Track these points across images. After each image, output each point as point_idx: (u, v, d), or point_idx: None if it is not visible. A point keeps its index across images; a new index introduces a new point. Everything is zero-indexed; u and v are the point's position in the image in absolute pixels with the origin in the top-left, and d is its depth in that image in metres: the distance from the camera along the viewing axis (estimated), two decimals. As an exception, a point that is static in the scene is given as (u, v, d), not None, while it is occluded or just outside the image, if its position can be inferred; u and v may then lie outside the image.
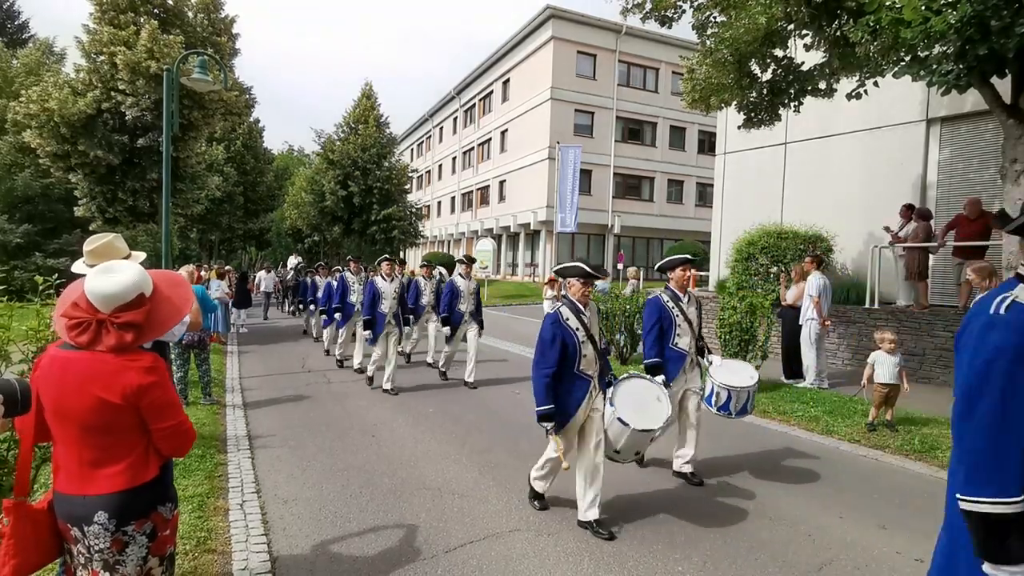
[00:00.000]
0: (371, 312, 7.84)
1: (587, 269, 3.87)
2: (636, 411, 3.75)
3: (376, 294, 7.90)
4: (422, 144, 50.30)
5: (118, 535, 1.92)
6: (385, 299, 7.91)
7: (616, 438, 3.83)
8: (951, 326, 8.21)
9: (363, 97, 30.58)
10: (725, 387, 4.67)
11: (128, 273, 1.96)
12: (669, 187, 32.09)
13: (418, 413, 6.86)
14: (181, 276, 2.25)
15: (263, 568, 3.34)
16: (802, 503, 4.39)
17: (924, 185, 10.34)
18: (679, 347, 4.76)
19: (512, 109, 32.47)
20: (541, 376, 3.75)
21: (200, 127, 15.28)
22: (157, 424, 1.97)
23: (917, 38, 5.15)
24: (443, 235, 43.17)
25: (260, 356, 11.28)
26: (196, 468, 4.78)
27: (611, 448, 3.91)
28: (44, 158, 14.73)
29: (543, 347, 3.79)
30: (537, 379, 3.77)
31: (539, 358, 3.81)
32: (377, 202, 28.55)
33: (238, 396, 7.79)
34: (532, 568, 3.38)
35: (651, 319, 4.76)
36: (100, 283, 1.91)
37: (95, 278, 1.92)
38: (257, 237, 36.48)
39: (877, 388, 6.16)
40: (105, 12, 14.25)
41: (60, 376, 1.89)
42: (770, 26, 7.08)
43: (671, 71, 29.68)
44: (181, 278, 2.21)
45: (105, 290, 1.90)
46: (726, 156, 14.34)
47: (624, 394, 3.87)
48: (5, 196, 20.44)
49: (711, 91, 8.43)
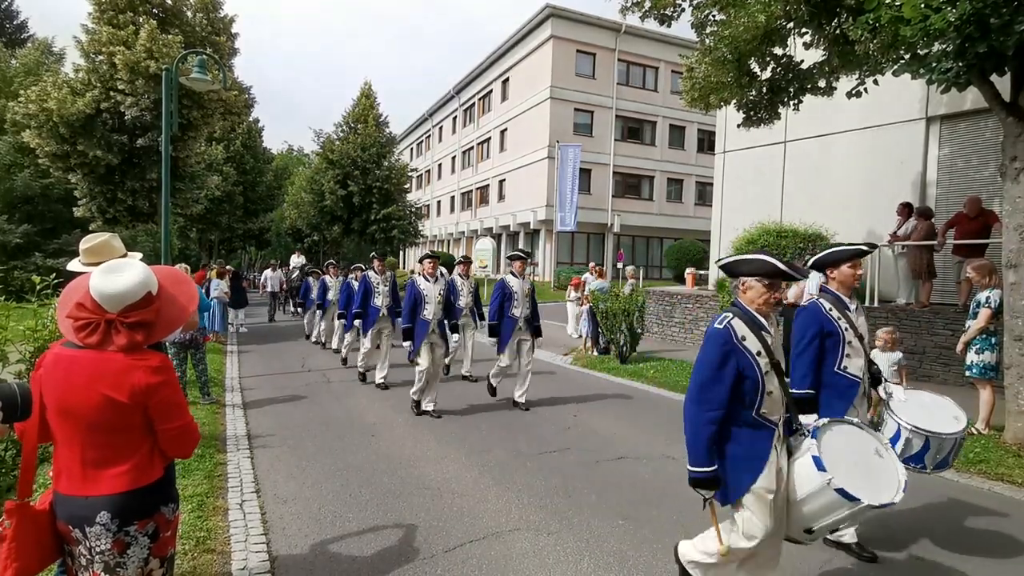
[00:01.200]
0: (411, 320, 6.60)
1: (777, 265, 2.61)
2: (861, 476, 2.51)
3: (418, 298, 6.63)
4: (421, 143, 50.27)
5: (120, 536, 1.91)
6: (429, 303, 6.62)
7: (823, 513, 2.53)
8: (951, 324, 8.20)
9: (362, 96, 30.54)
10: (922, 432, 3.18)
11: (134, 272, 1.95)
12: (669, 186, 32.08)
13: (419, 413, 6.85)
14: (184, 273, 2.24)
15: (262, 568, 3.33)
16: (802, 502, 4.38)
17: (924, 183, 10.34)
18: (849, 373, 3.42)
19: (511, 108, 32.45)
20: (702, 422, 2.58)
21: (199, 127, 15.27)
22: (164, 424, 1.96)
23: (916, 36, 5.14)
24: (443, 234, 43.14)
25: (260, 356, 11.28)
26: (195, 468, 4.77)
27: (802, 525, 2.62)
28: (43, 158, 14.71)
29: (706, 376, 2.59)
30: (694, 425, 2.60)
31: (698, 393, 2.61)
32: (377, 202, 28.52)
33: (237, 396, 7.79)
34: (532, 567, 3.37)
35: (808, 333, 3.47)
36: (107, 283, 1.89)
37: (101, 278, 1.91)
38: (257, 237, 36.43)
39: None
40: (104, 12, 14.23)
41: (65, 374, 1.87)
42: (769, 24, 7.06)
43: (670, 70, 29.65)
44: (184, 275, 2.20)
45: (112, 289, 1.88)
46: (726, 155, 14.33)
47: (832, 448, 2.57)
48: (5, 196, 20.42)
49: (710, 90, 8.41)
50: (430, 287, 6.71)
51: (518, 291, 7.05)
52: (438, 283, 6.80)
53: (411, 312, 6.66)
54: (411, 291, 6.63)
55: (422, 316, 6.58)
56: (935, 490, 4.61)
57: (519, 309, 7.03)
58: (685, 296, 12.72)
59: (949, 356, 7.92)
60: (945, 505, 4.33)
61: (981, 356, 5.87)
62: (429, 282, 6.74)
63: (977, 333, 5.86)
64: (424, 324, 6.58)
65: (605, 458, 5.32)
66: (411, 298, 6.68)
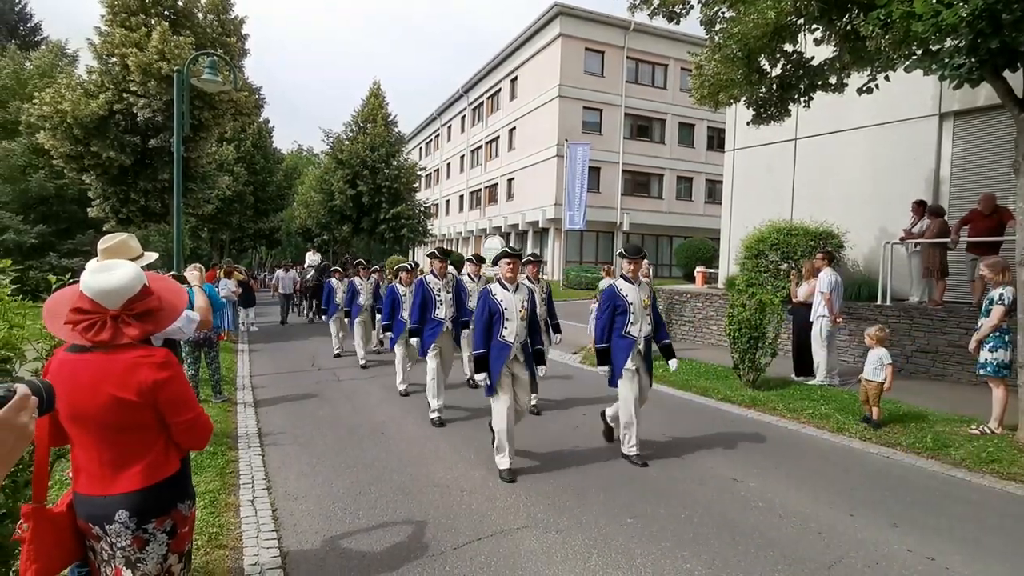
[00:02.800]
0: (484, 342, 4.91)
1: None
2: None
3: (494, 311, 4.92)
4: (430, 143, 50.35)
5: (139, 533, 1.94)
6: (510, 320, 4.90)
7: None
8: (965, 322, 8.12)
9: (371, 96, 30.66)
10: None
11: (125, 268, 2.00)
12: (678, 184, 31.93)
13: (427, 411, 6.87)
14: (162, 275, 2.30)
15: (274, 564, 3.37)
16: (812, 501, 4.36)
17: (937, 180, 10.22)
18: None
19: (520, 107, 32.43)
20: None
21: (211, 127, 15.40)
22: (175, 418, 1.99)
23: (928, 31, 5.09)
24: (451, 233, 43.21)
25: (270, 354, 11.36)
26: (208, 465, 4.83)
27: None
28: (58, 159, 14.90)
29: None
30: None
31: None
32: (386, 201, 28.63)
33: (249, 394, 7.86)
34: (540, 565, 3.39)
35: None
36: (103, 280, 1.92)
37: (97, 277, 1.93)
38: (267, 236, 36.69)
39: (861, 382, 6.32)
40: (116, 14, 14.38)
41: (72, 379, 1.89)
42: (779, 21, 7.01)
43: (680, 67, 29.53)
44: (163, 276, 2.27)
45: (110, 286, 1.91)
46: (735, 152, 14.24)
47: None
48: (20, 197, 20.72)
49: (720, 87, 8.36)
50: (511, 298, 5.06)
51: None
52: (520, 292, 5.15)
53: (484, 333, 5.16)
54: (483, 303, 5.08)
55: (500, 339, 4.95)
56: (948, 490, 4.58)
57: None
58: (695, 295, 12.66)
59: (962, 355, 7.84)
60: (958, 506, 4.29)
61: (994, 354, 5.80)
62: (508, 291, 5.06)
63: (990, 331, 5.80)
64: (504, 349, 4.93)
65: (614, 456, 5.32)
66: (484, 313, 5.22)
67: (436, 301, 6.81)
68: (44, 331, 2.88)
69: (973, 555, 3.56)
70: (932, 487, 4.68)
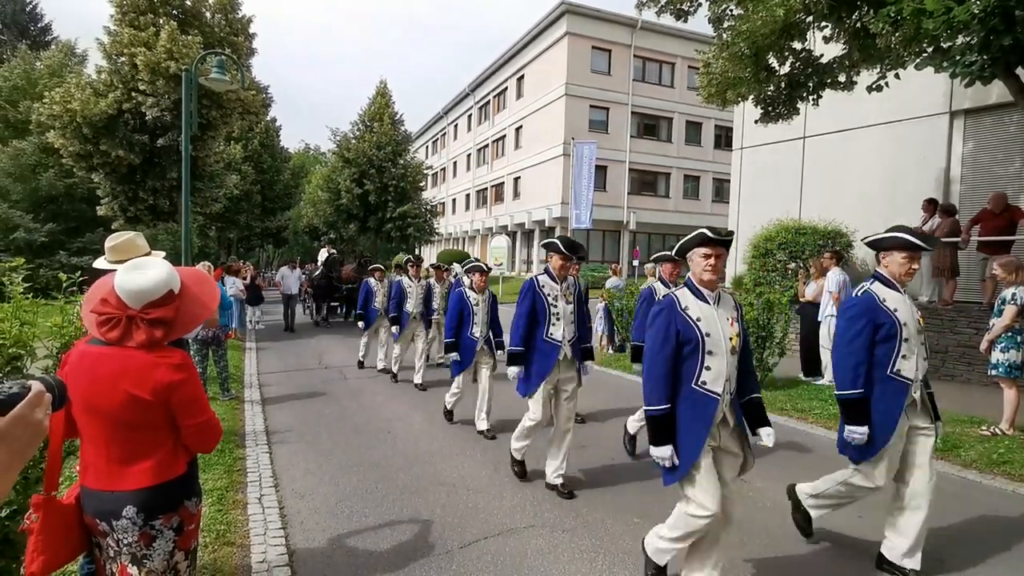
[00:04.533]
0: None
1: None
2: None
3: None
4: (437, 141, 50.41)
5: (146, 529, 1.95)
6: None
7: None
8: (975, 322, 8.05)
9: (378, 95, 30.70)
10: None
11: (158, 269, 2.00)
12: (685, 183, 31.83)
13: (434, 410, 6.88)
14: (206, 274, 2.28)
15: (281, 561, 3.38)
16: (820, 501, 4.33)
17: (947, 179, 10.13)
18: None
19: (527, 106, 32.40)
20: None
21: (218, 126, 15.49)
22: (186, 420, 1.99)
23: (939, 28, 5.04)
24: (458, 232, 43.26)
25: (277, 352, 11.41)
26: (215, 463, 4.85)
27: None
28: (67, 158, 15.03)
29: None
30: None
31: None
32: (392, 199, 28.67)
33: (256, 392, 7.89)
34: (546, 564, 3.38)
35: None
36: (131, 279, 1.94)
37: (125, 274, 1.95)
38: (275, 235, 36.89)
39: None
40: (125, 14, 14.47)
41: (91, 372, 1.91)
42: (788, 18, 6.97)
43: (687, 66, 29.39)
44: (207, 276, 2.24)
45: (136, 286, 1.93)
46: (743, 151, 14.18)
47: None
48: (30, 196, 20.91)
49: (728, 85, 8.33)
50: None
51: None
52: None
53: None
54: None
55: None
56: (958, 492, 4.53)
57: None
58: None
59: (973, 355, 7.77)
60: (969, 508, 4.25)
61: (1006, 355, 5.75)
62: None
63: (1002, 331, 5.75)
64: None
65: (620, 456, 5.30)
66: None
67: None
68: (55, 328, 2.90)
69: (984, 559, 3.52)
70: (942, 489, 4.63)
